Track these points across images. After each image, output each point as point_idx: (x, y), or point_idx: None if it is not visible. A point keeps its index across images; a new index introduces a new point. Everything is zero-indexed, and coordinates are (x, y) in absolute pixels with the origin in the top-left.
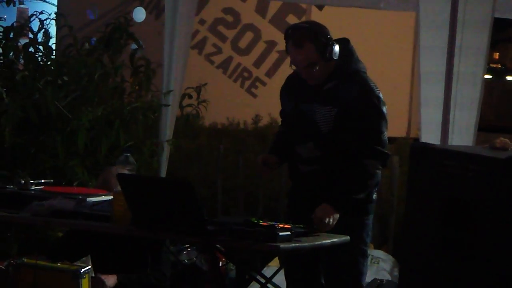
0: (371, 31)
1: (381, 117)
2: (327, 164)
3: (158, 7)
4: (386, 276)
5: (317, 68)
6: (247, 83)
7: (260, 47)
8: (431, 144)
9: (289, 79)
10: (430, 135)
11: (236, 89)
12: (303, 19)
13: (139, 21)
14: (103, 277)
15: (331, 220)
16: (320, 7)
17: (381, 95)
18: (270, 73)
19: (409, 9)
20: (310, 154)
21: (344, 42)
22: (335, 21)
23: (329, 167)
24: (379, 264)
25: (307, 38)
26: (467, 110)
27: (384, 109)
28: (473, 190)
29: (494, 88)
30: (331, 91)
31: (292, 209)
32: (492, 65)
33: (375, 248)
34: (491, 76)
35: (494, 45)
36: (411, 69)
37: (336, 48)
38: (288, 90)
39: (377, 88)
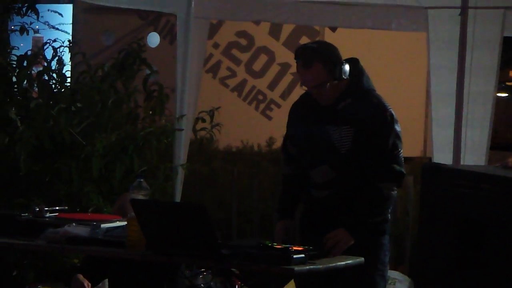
0: (385, 52)
1: (394, 134)
2: (342, 187)
3: (172, 32)
4: None
5: (328, 87)
6: (262, 106)
7: (274, 69)
8: (442, 164)
9: (297, 105)
10: (442, 155)
11: (251, 111)
12: None
13: (153, 46)
14: None
15: (345, 245)
16: (333, 29)
17: (394, 113)
18: (284, 95)
19: (420, 30)
20: (325, 178)
21: (353, 62)
22: (349, 42)
23: (344, 189)
24: (396, 285)
25: (316, 58)
26: (479, 129)
27: (397, 126)
28: (486, 209)
29: (510, 106)
30: (346, 110)
31: (305, 234)
32: (508, 83)
33: (391, 269)
34: (507, 95)
35: (509, 63)
36: (426, 88)
37: (346, 67)
38: (297, 117)
39: (389, 106)
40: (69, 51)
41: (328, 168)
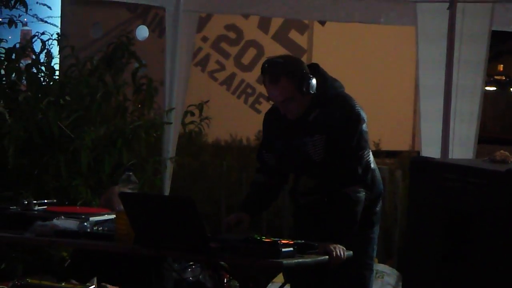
0: (374, 46)
1: (359, 134)
2: (323, 193)
3: (161, 25)
4: None
5: (295, 102)
6: (251, 99)
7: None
8: (430, 158)
9: (270, 115)
10: (431, 149)
11: (240, 105)
12: (306, 34)
13: (142, 39)
14: None
15: (340, 251)
16: (323, 23)
17: (361, 112)
18: None
19: (409, 24)
20: (306, 187)
21: (314, 68)
22: (338, 36)
23: (325, 195)
24: (384, 279)
25: (283, 73)
26: (467, 123)
27: (364, 126)
28: (474, 203)
29: (498, 100)
30: (316, 120)
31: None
32: (496, 77)
33: (380, 262)
34: (495, 88)
35: (498, 56)
36: (415, 82)
37: (313, 81)
38: (273, 128)
39: (357, 105)
40: (58, 44)
41: (306, 178)
